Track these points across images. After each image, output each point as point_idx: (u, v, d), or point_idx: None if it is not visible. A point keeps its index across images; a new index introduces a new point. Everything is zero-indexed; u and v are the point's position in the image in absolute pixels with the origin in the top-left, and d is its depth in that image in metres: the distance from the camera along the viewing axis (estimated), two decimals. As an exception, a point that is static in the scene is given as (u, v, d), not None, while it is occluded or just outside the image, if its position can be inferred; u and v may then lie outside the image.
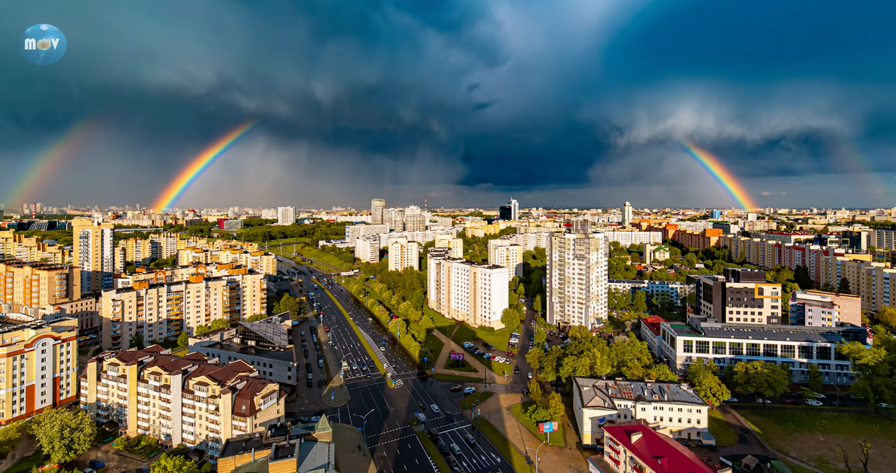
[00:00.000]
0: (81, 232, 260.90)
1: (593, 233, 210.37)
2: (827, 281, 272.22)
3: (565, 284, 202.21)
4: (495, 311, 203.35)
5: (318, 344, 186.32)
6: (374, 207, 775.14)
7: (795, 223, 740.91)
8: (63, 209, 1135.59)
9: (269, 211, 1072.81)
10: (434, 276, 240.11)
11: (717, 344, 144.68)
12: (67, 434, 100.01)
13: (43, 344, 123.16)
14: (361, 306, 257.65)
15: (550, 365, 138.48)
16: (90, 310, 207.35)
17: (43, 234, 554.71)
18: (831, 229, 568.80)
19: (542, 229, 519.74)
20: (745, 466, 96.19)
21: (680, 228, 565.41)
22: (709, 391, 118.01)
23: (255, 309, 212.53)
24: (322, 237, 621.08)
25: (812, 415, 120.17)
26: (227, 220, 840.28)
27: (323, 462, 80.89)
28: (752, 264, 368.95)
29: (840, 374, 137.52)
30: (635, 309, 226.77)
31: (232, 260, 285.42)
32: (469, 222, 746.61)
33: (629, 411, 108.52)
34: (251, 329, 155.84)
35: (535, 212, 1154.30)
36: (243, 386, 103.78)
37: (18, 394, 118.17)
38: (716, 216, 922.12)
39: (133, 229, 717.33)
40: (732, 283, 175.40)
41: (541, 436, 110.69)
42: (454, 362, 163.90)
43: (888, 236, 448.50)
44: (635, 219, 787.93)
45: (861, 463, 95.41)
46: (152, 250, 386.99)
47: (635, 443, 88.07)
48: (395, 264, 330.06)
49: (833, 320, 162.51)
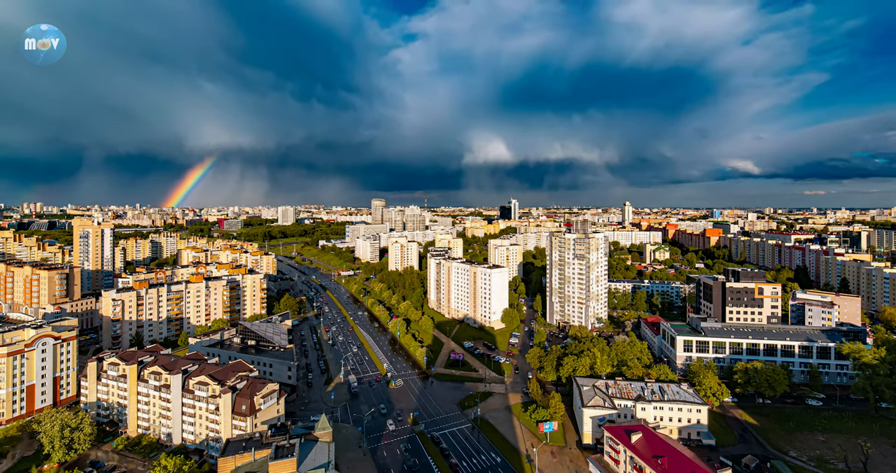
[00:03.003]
0: (81, 231, 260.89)
1: (593, 232, 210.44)
2: (827, 280, 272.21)
3: (565, 284, 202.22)
4: (495, 311, 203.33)
5: (318, 344, 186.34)
6: (374, 207, 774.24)
7: (795, 223, 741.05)
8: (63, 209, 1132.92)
9: (269, 210, 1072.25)
10: (434, 276, 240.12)
11: (717, 343, 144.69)
12: (68, 433, 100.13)
13: (43, 343, 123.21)
14: (361, 306, 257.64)
15: (550, 365, 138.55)
16: (90, 310, 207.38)
17: (43, 234, 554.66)
18: (831, 229, 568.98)
19: (542, 229, 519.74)
20: (745, 466, 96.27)
21: (680, 228, 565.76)
22: (709, 391, 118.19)
23: (256, 308, 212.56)
24: (322, 237, 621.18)
25: (812, 415, 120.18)
26: (227, 220, 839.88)
27: (323, 461, 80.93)
28: (752, 264, 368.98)
29: (840, 374, 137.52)
30: (635, 308, 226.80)
31: (232, 259, 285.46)
32: (469, 222, 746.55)
33: (629, 411, 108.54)
34: (251, 328, 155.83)
35: (536, 212, 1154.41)
36: (243, 386, 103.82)
37: (19, 394, 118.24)
38: (716, 216, 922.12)
39: (133, 229, 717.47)
40: (732, 283, 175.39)
41: (541, 436, 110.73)
42: (454, 362, 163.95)
43: (888, 236, 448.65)
44: (635, 219, 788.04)
45: (861, 463, 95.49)
46: (152, 250, 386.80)
47: (635, 443, 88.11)
48: (396, 264, 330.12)
49: (833, 320, 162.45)
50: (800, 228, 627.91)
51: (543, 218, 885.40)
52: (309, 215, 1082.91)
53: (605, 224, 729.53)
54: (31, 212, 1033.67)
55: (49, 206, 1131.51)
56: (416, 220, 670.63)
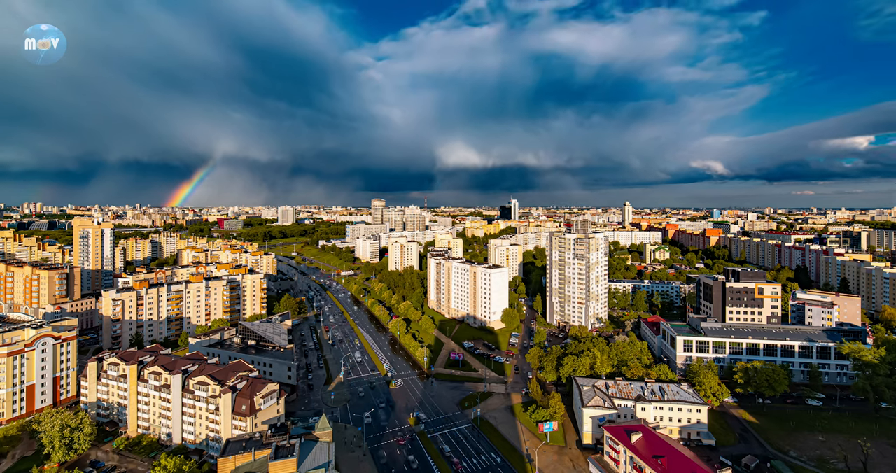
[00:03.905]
0: (81, 231, 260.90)
1: (593, 232, 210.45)
2: (827, 280, 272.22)
3: (565, 284, 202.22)
4: (495, 311, 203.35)
5: (318, 344, 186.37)
6: (374, 207, 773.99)
7: (795, 223, 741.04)
8: (63, 209, 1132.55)
9: (269, 210, 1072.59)
10: (434, 276, 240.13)
11: (717, 343, 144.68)
12: (68, 433, 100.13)
13: (43, 343, 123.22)
14: (361, 306, 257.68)
15: (550, 365, 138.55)
16: (90, 310, 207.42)
17: (43, 234, 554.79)
18: (831, 229, 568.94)
19: (542, 229, 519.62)
20: (745, 466, 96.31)
21: (680, 228, 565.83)
22: (709, 391, 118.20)
23: (256, 308, 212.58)
24: (322, 237, 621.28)
25: (812, 415, 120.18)
26: (227, 220, 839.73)
27: (323, 461, 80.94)
28: (752, 264, 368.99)
29: (840, 374, 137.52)
30: (635, 308, 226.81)
31: (232, 259, 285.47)
32: (469, 222, 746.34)
33: (629, 411, 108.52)
34: (251, 328, 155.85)
35: (536, 212, 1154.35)
36: (243, 386, 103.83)
37: (19, 394, 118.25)
38: (715, 216, 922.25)
39: (133, 229, 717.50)
40: (732, 283, 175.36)
41: (541, 436, 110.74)
42: (454, 362, 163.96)
43: (888, 236, 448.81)
44: (635, 219, 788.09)
45: (861, 463, 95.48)
46: (152, 250, 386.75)
47: (635, 443, 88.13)
48: (396, 264, 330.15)
49: (833, 320, 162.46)
50: (800, 228, 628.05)
51: (543, 218, 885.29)
52: (309, 215, 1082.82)
53: (605, 224, 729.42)
54: (31, 211, 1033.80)
55: (49, 206, 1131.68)
56: (416, 220, 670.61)
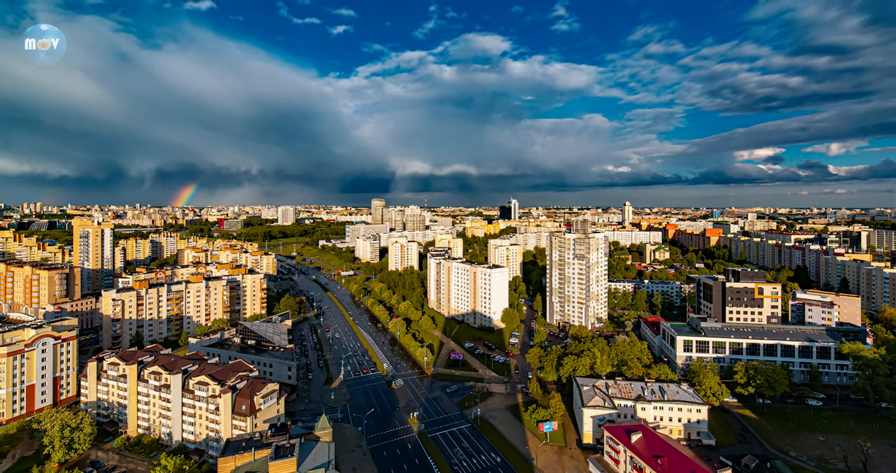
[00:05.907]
0: (81, 231, 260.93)
1: (593, 232, 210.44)
2: (827, 280, 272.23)
3: (565, 284, 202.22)
4: (495, 311, 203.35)
5: (318, 344, 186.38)
6: (374, 207, 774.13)
7: (795, 223, 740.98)
8: (63, 209, 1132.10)
9: (269, 210, 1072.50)
10: (434, 276, 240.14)
11: (717, 343, 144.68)
12: (68, 433, 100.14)
13: (43, 343, 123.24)
14: (361, 306, 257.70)
15: (551, 365, 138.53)
16: (90, 310, 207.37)
17: (43, 234, 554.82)
18: (831, 229, 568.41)
19: (542, 229, 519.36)
20: (745, 466, 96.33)
21: (680, 228, 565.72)
22: (709, 390, 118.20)
23: (256, 308, 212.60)
24: (322, 237, 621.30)
25: (812, 415, 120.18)
26: (227, 220, 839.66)
27: (323, 461, 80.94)
28: (752, 264, 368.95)
29: (840, 374, 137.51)
30: (635, 308, 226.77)
31: (232, 259, 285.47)
32: (469, 222, 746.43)
33: (629, 411, 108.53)
34: (251, 328, 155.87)
35: (536, 212, 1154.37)
36: (243, 386, 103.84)
37: (19, 394, 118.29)
38: (715, 216, 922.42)
39: (133, 229, 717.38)
40: (732, 283, 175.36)
41: (541, 436, 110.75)
42: (454, 362, 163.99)
43: (888, 236, 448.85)
44: (635, 219, 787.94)
45: (861, 463, 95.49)
46: (152, 250, 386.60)
47: (635, 443, 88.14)
48: (396, 264, 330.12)
49: (833, 320, 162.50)
50: (800, 228, 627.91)
51: (543, 218, 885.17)
52: (309, 215, 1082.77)
53: (605, 224, 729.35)
54: (31, 211, 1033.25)
55: (49, 206, 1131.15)
56: (416, 220, 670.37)
